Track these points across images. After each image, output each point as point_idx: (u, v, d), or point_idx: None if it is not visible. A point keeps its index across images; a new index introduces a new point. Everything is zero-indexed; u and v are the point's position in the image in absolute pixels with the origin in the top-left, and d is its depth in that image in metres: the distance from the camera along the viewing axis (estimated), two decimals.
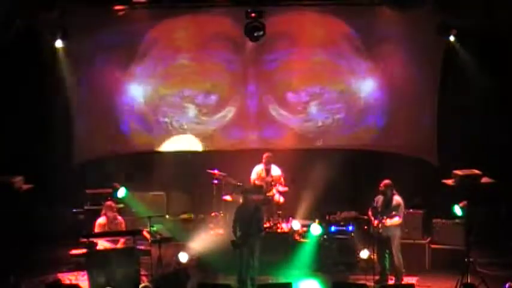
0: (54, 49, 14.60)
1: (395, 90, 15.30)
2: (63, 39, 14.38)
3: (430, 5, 13.79)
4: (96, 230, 12.65)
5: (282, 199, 14.14)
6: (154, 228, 12.58)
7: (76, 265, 13.03)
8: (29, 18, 13.91)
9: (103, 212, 12.77)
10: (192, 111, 15.78)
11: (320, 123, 15.69)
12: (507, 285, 11.51)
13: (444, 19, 13.89)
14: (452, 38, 14.11)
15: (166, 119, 15.78)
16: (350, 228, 13.59)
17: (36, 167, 14.16)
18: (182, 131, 15.84)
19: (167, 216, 14.28)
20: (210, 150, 15.79)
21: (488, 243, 13.56)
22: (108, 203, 12.90)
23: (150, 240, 12.45)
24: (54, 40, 14.39)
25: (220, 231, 13.88)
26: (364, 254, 13.06)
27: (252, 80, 15.64)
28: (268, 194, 13.98)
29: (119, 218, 12.85)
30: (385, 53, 15.06)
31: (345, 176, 15.09)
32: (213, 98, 15.72)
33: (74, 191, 14.88)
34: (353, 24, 15.02)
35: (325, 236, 13.50)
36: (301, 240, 13.68)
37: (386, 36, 14.91)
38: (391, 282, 12.41)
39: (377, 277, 12.42)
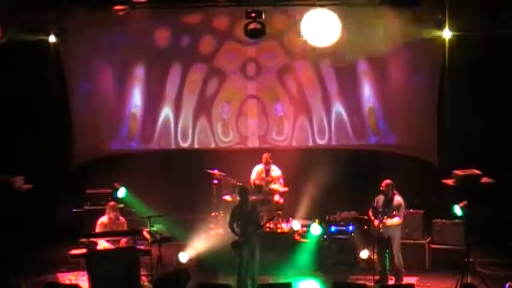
0: (54, 49, 14.60)
1: (395, 90, 15.31)
2: (63, 39, 14.39)
3: (430, 4, 13.79)
4: (98, 229, 12.67)
5: (281, 199, 14.13)
6: (155, 228, 12.59)
7: (76, 265, 13.03)
8: (29, 18, 13.91)
9: (106, 211, 12.80)
10: (191, 110, 15.78)
11: (320, 124, 15.70)
12: (507, 285, 11.52)
13: (444, 19, 13.89)
14: (452, 38, 14.11)
15: (165, 119, 15.79)
16: (350, 228, 13.59)
17: (36, 167, 14.17)
18: (182, 131, 15.86)
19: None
20: (210, 150, 15.80)
21: (488, 243, 13.55)
22: (112, 203, 12.94)
23: (150, 240, 12.45)
24: (54, 40, 14.40)
25: (220, 231, 13.87)
26: (364, 254, 13.09)
27: (252, 80, 15.65)
28: (267, 194, 13.97)
29: (121, 218, 12.88)
30: (385, 53, 15.06)
31: (345, 176, 15.09)
32: (213, 97, 15.73)
33: (74, 191, 14.89)
34: (352, 24, 15.01)
35: (325, 236, 13.51)
36: (301, 240, 13.68)
37: (386, 36, 14.91)
38: (391, 282, 12.40)
39: (377, 277, 12.41)
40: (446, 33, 14.07)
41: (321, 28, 14.05)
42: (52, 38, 14.41)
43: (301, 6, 14.64)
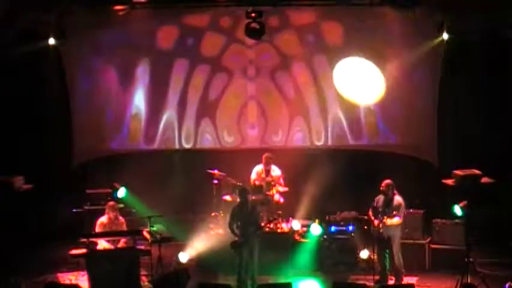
0: (54, 49, 14.61)
1: (396, 91, 15.30)
2: (63, 39, 14.39)
3: (430, 5, 13.79)
4: (97, 229, 12.66)
5: (281, 199, 14.13)
6: (155, 228, 12.59)
7: (76, 265, 13.03)
8: (29, 19, 13.91)
9: (106, 211, 12.80)
10: (192, 111, 15.78)
11: (320, 124, 15.70)
12: (507, 285, 11.52)
13: (444, 19, 13.89)
14: (452, 38, 14.11)
15: (167, 119, 15.79)
16: (350, 228, 13.59)
17: (36, 167, 14.17)
18: (184, 131, 15.86)
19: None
20: (210, 150, 15.80)
21: (488, 243, 13.55)
22: (111, 203, 12.93)
23: (150, 240, 12.45)
24: (54, 40, 14.40)
25: (220, 231, 13.86)
26: (364, 254, 13.09)
27: (252, 81, 15.65)
28: (268, 194, 13.97)
29: (120, 218, 12.87)
30: (385, 53, 15.07)
31: (345, 176, 15.09)
32: (213, 98, 15.73)
33: (74, 191, 14.89)
34: (353, 25, 15.03)
35: (325, 236, 13.51)
36: (301, 240, 13.68)
37: (386, 37, 14.92)
38: (391, 282, 12.40)
39: (377, 277, 12.41)
40: (446, 34, 14.07)
41: (359, 82, 14.11)
42: (52, 39, 14.41)
43: (301, 7, 14.70)
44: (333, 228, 13.59)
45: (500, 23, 13.54)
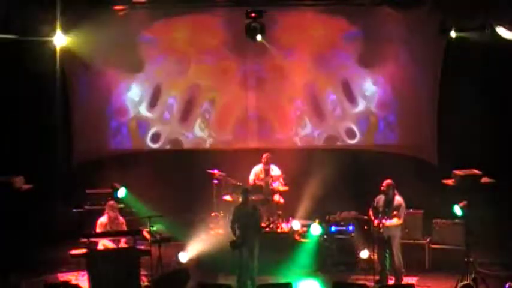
0: (54, 49, 14.59)
1: (396, 91, 15.33)
2: (63, 39, 14.38)
3: (430, 5, 13.79)
4: (98, 229, 12.64)
5: (281, 199, 14.13)
6: (154, 228, 12.58)
7: (76, 265, 13.03)
8: (29, 18, 13.90)
9: (106, 211, 12.79)
10: (192, 110, 15.79)
11: (320, 124, 15.70)
12: (507, 285, 11.50)
13: (444, 19, 13.89)
14: (452, 38, 14.11)
15: (165, 119, 15.80)
16: (350, 228, 13.59)
17: (36, 167, 14.16)
18: (184, 131, 15.86)
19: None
20: (210, 150, 15.81)
21: (488, 243, 13.55)
22: (111, 202, 12.92)
23: (150, 240, 12.45)
24: (54, 40, 14.39)
25: (220, 231, 13.87)
26: (364, 254, 13.09)
27: (251, 81, 15.66)
28: (267, 194, 13.96)
29: (120, 218, 12.86)
30: (386, 53, 15.08)
31: (345, 176, 15.09)
32: (213, 98, 15.74)
33: (74, 191, 14.89)
34: (353, 25, 15.04)
35: (325, 236, 13.50)
36: (301, 240, 13.68)
37: (386, 37, 14.93)
38: (391, 282, 12.40)
39: (377, 277, 12.42)
40: (447, 33, 14.06)
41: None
42: (52, 38, 14.41)
43: (299, 7, 14.71)
44: (333, 228, 13.59)
45: (500, 22, 13.51)
